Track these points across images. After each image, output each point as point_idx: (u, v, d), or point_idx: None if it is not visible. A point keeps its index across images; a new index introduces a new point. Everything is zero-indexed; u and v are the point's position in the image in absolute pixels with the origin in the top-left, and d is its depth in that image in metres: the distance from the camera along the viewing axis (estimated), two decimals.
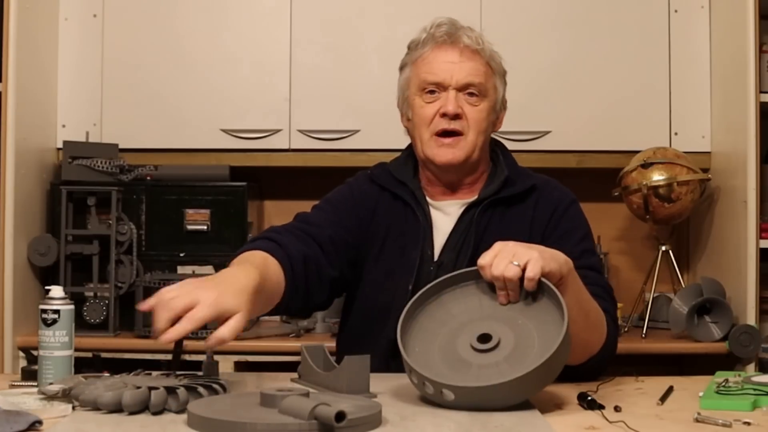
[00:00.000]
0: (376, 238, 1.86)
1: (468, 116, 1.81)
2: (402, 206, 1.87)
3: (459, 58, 1.81)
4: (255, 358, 2.63)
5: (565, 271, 1.52)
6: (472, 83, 1.81)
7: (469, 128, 1.81)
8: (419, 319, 1.54)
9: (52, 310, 1.55)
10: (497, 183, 1.85)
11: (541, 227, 1.82)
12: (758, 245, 2.64)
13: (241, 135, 2.92)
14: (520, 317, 1.48)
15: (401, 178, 1.89)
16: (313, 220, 1.84)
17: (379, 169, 1.94)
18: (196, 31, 2.95)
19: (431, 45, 1.83)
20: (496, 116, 1.88)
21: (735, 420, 1.30)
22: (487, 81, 1.83)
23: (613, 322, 1.72)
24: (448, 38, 1.82)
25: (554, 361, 1.37)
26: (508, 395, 1.37)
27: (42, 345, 1.55)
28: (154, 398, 1.33)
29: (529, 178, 1.88)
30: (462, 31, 1.82)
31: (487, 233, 1.80)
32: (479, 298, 1.53)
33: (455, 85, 1.80)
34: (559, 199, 1.86)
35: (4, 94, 2.63)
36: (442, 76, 1.81)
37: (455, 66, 1.80)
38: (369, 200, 1.89)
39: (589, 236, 1.86)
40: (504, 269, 1.46)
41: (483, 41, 1.83)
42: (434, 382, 1.38)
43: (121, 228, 2.75)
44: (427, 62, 1.82)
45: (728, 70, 2.82)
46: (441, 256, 1.82)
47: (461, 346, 1.47)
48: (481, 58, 1.82)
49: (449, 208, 1.87)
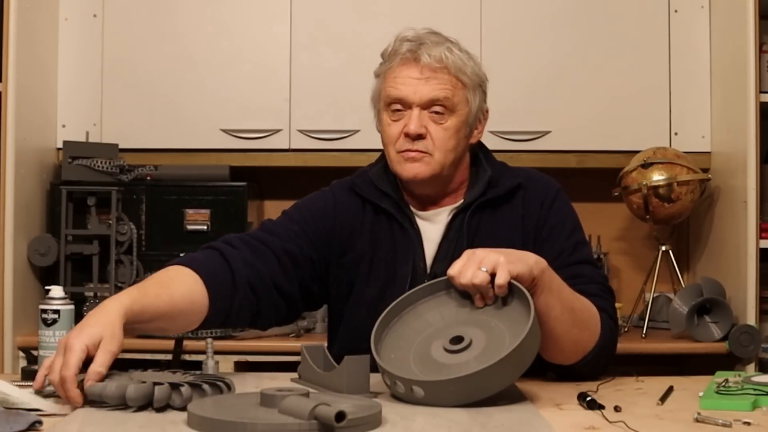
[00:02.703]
0: (363, 256, 1.81)
1: (433, 135, 1.75)
2: (387, 220, 1.82)
3: (420, 74, 1.74)
4: (255, 358, 2.63)
5: (537, 272, 1.53)
6: (437, 99, 1.74)
7: (434, 148, 1.75)
8: (395, 329, 1.57)
9: (52, 310, 1.55)
10: (481, 184, 1.81)
11: (532, 223, 1.80)
12: (758, 245, 2.64)
13: (241, 135, 2.92)
14: (492, 320, 1.50)
15: (383, 188, 1.83)
16: (276, 231, 1.79)
17: (361, 179, 1.87)
18: (196, 32, 2.95)
19: (398, 60, 1.77)
20: (470, 129, 1.80)
21: (735, 420, 1.30)
22: (455, 96, 1.75)
23: (610, 320, 1.71)
24: (410, 55, 1.76)
25: (519, 354, 1.39)
26: (476, 388, 1.39)
27: (42, 345, 1.55)
28: (157, 393, 1.33)
29: (512, 177, 1.84)
30: (424, 48, 1.74)
31: (478, 237, 1.78)
32: (454, 306, 1.56)
33: (419, 102, 1.74)
34: (544, 192, 1.83)
35: (4, 94, 2.63)
36: (405, 92, 1.75)
37: (420, 82, 1.74)
38: (349, 215, 1.83)
39: (578, 226, 1.84)
40: (472, 276, 1.49)
41: (449, 55, 1.74)
42: (404, 380, 1.42)
43: (121, 228, 2.75)
44: (393, 77, 1.77)
45: (728, 70, 2.82)
46: (434, 267, 1.78)
47: (435, 350, 1.49)
48: (446, 73, 1.75)
49: (437, 217, 1.82)
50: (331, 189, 1.90)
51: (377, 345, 1.52)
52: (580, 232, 1.84)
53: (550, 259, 1.64)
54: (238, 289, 1.68)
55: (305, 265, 1.78)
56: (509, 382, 1.44)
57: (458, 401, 1.39)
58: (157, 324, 1.60)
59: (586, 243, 1.85)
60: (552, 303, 1.56)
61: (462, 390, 1.39)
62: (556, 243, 1.77)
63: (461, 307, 1.55)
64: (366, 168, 1.90)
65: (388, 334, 1.56)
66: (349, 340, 1.81)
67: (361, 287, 1.81)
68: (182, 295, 1.61)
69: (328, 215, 1.83)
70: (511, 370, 1.41)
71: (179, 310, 1.60)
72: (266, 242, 1.76)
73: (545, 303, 1.55)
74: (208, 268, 1.66)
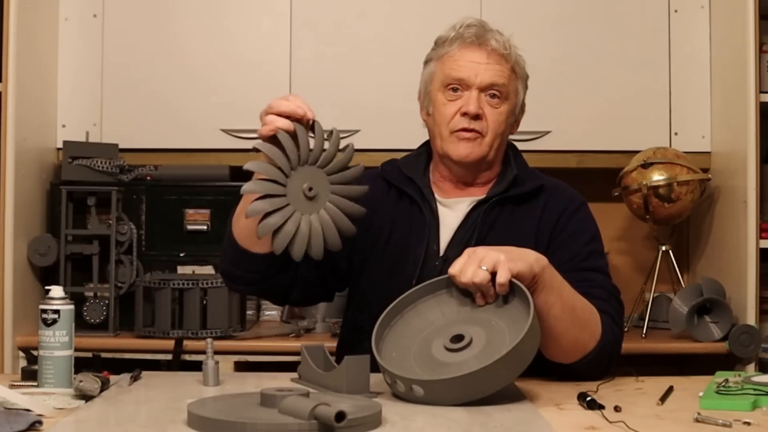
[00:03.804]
0: (381, 233, 1.87)
1: (488, 117, 1.82)
2: (408, 203, 1.88)
3: (485, 59, 1.82)
4: (255, 358, 2.63)
5: (538, 270, 1.54)
6: (496, 84, 1.82)
7: (488, 129, 1.82)
8: (397, 327, 1.58)
9: (52, 310, 1.55)
10: (506, 182, 1.86)
11: (549, 228, 1.83)
12: (758, 245, 2.64)
13: (241, 135, 2.92)
14: (493, 318, 1.51)
15: (409, 174, 1.90)
16: None
17: (389, 165, 1.95)
18: (196, 32, 2.95)
19: (459, 44, 1.85)
20: (515, 119, 1.90)
21: (735, 420, 1.30)
22: (510, 84, 1.84)
23: (613, 323, 1.71)
24: (476, 39, 1.83)
25: (519, 352, 1.40)
26: (476, 386, 1.39)
27: (42, 345, 1.55)
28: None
29: (538, 179, 1.89)
30: (490, 34, 1.84)
31: (493, 230, 1.82)
32: (455, 304, 1.57)
33: (479, 84, 1.82)
34: (569, 201, 1.87)
35: (4, 94, 2.63)
36: (467, 74, 1.82)
37: (481, 66, 1.82)
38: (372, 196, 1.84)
39: (598, 239, 1.86)
40: (472, 275, 1.51)
41: (510, 46, 1.85)
42: (404, 379, 1.42)
43: (121, 228, 2.75)
44: (454, 59, 1.84)
45: (728, 70, 2.82)
46: (447, 252, 1.82)
47: (436, 348, 1.50)
48: (506, 61, 1.83)
49: (458, 205, 1.87)
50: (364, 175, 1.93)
51: (378, 343, 1.52)
52: (599, 244, 1.86)
53: (563, 261, 1.66)
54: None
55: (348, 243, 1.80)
56: (509, 380, 1.45)
57: (458, 400, 1.40)
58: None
59: (602, 255, 1.87)
60: (552, 301, 1.57)
61: (462, 388, 1.39)
62: (572, 248, 1.79)
63: (462, 306, 1.56)
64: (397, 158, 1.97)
65: (389, 333, 1.57)
66: (359, 315, 1.85)
67: (374, 263, 1.86)
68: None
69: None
70: (511, 369, 1.42)
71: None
72: None
73: (545, 301, 1.56)
74: None
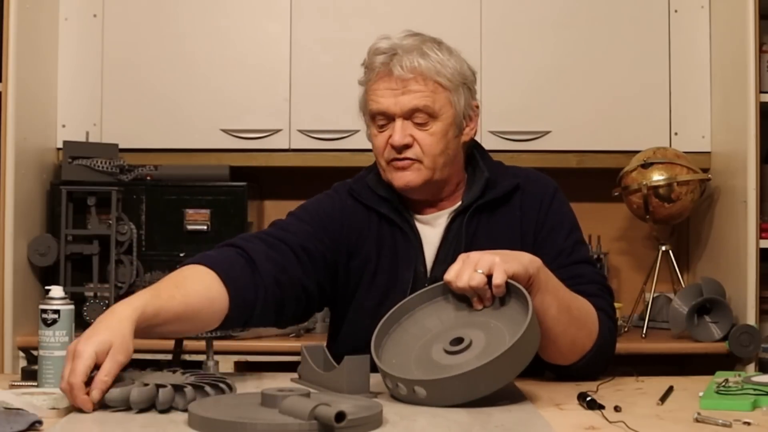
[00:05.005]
0: (369, 261, 1.80)
1: (420, 142, 1.74)
2: (389, 225, 1.81)
3: (401, 85, 1.73)
4: (255, 358, 2.63)
5: (533, 270, 1.53)
6: (417, 107, 1.73)
7: (423, 154, 1.75)
8: (395, 336, 1.57)
9: (52, 310, 1.54)
10: (479, 186, 1.80)
11: (531, 225, 1.80)
12: (758, 245, 2.64)
13: (241, 135, 2.92)
14: (492, 321, 1.51)
15: (382, 194, 1.82)
16: (291, 229, 1.77)
17: (359, 185, 1.85)
18: (196, 31, 2.95)
19: (375, 74, 1.77)
20: (459, 129, 1.78)
21: (735, 420, 1.30)
22: (436, 102, 1.73)
23: (609, 320, 1.71)
24: (384, 68, 1.75)
25: (520, 348, 1.40)
26: (478, 385, 1.39)
27: (42, 345, 1.54)
28: (161, 396, 1.33)
29: (510, 177, 1.83)
30: (396, 60, 1.73)
31: (477, 238, 1.77)
32: (452, 310, 1.57)
33: (400, 113, 1.73)
34: (542, 193, 1.82)
35: (4, 94, 2.63)
36: (386, 105, 1.74)
37: (398, 93, 1.73)
38: (356, 219, 1.82)
39: (576, 226, 1.83)
40: (469, 279, 1.50)
41: (422, 61, 1.72)
42: (405, 381, 1.42)
43: (121, 228, 2.75)
44: (373, 91, 1.77)
45: (728, 70, 2.82)
46: (433, 271, 1.77)
47: (435, 352, 1.50)
48: (424, 80, 1.73)
49: (436, 220, 1.82)
50: (336, 192, 1.88)
51: (377, 351, 1.52)
52: (578, 232, 1.84)
53: (549, 259, 1.64)
54: (262, 284, 1.65)
55: (321, 263, 1.76)
56: (511, 377, 1.44)
57: (461, 399, 1.39)
58: (174, 327, 1.55)
59: (584, 242, 1.85)
60: (549, 301, 1.57)
61: (465, 387, 1.39)
62: (555, 243, 1.77)
63: (459, 311, 1.56)
64: (363, 173, 1.89)
65: (387, 342, 1.56)
66: (349, 342, 1.80)
67: (363, 292, 1.81)
68: (198, 293, 1.57)
69: (336, 218, 1.82)
70: (512, 365, 1.41)
71: (196, 310, 1.56)
72: (283, 239, 1.73)
73: (542, 301, 1.55)
74: (224, 265, 1.62)
